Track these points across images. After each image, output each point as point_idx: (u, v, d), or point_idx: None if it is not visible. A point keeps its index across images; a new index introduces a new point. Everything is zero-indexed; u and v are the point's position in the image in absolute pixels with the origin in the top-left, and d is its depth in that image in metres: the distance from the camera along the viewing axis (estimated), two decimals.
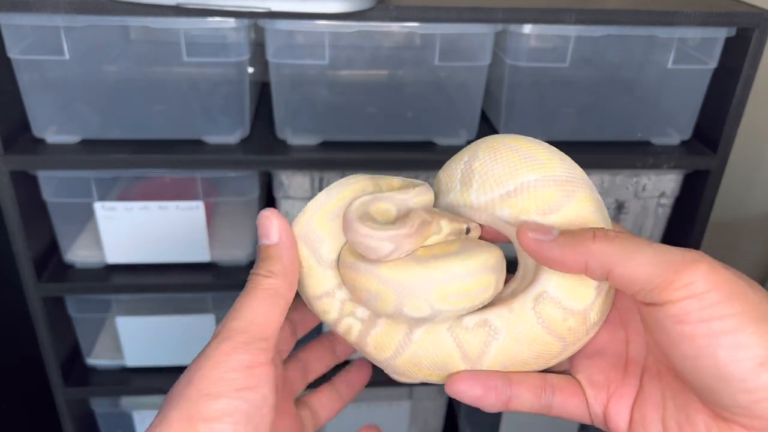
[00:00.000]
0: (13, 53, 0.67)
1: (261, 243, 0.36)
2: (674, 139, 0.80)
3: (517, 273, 0.39)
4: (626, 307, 0.37)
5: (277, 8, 0.62)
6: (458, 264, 0.33)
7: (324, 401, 0.44)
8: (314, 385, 0.46)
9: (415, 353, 0.35)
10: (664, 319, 0.29)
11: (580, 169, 0.36)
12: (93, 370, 0.92)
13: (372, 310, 0.36)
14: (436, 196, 0.39)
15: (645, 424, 0.33)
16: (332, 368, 0.46)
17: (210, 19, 0.65)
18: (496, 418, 1.04)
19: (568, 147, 0.77)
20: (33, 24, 0.66)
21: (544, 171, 0.34)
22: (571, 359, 0.37)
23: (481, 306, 0.35)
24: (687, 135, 0.80)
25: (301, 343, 0.45)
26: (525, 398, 0.35)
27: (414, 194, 0.37)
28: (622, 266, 0.30)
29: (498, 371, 0.35)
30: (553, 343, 0.34)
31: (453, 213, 0.37)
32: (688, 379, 0.30)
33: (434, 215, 0.35)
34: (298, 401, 0.43)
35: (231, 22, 0.66)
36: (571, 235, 0.32)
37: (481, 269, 0.34)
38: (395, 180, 0.39)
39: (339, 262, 0.36)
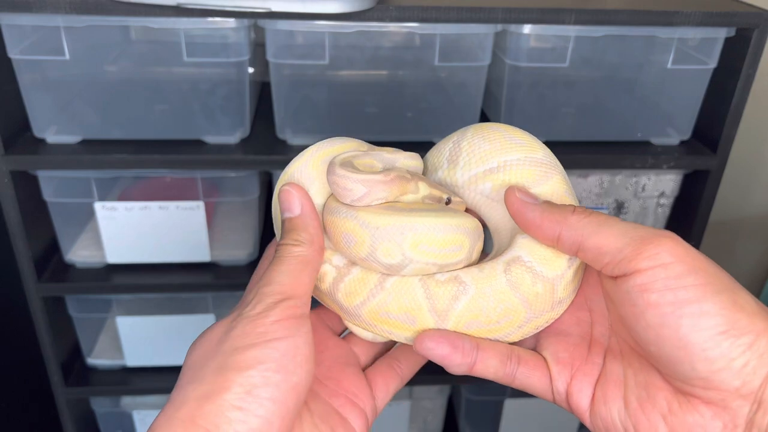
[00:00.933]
0: (13, 53, 0.67)
1: (284, 216, 0.37)
2: (674, 139, 0.80)
3: (491, 253, 0.40)
4: (592, 291, 0.38)
5: (277, 8, 0.63)
6: (435, 218, 0.35)
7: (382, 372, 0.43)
8: None
9: (385, 300, 0.36)
10: (631, 289, 0.31)
11: (556, 158, 0.39)
12: (93, 370, 0.92)
13: (347, 256, 0.37)
14: (424, 174, 0.41)
15: (606, 401, 0.34)
16: None
17: (210, 19, 0.65)
18: (496, 418, 1.04)
19: (568, 147, 0.78)
20: (33, 24, 0.66)
21: (527, 152, 0.38)
22: (538, 337, 0.38)
23: (453, 268, 0.36)
24: (687, 135, 0.80)
25: None
26: (490, 364, 0.36)
27: (403, 157, 0.39)
28: (594, 238, 0.32)
29: (467, 335, 0.36)
30: (519, 307, 0.35)
31: (437, 183, 0.39)
32: (651, 350, 0.31)
33: (415, 176, 0.38)
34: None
35: (231, 22, 0.66)
36: (553, 204, 0.35)
37: (456, 228, 0.35)
38: (387, 149, 0.41)
39: (324, 209, 0.38)
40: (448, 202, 0.38)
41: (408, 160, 0.40)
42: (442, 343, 0.35)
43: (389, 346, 0.44)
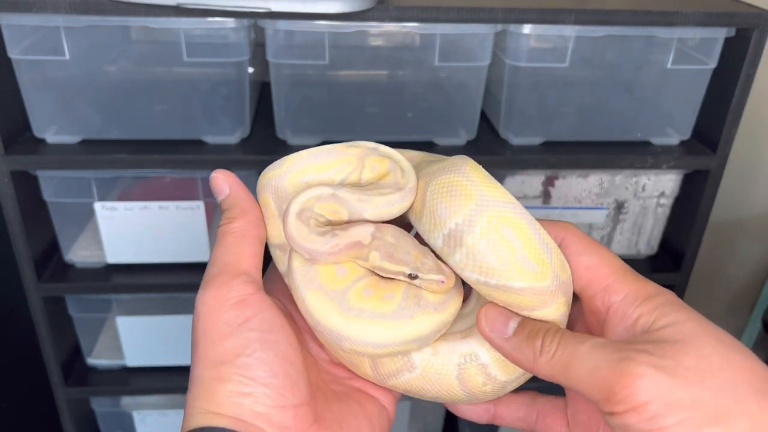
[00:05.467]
0: (13, 53, 0.67)
1: (218, 201, 0.37)
2: (674, 139, 0.80)
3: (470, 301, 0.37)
4: None
5: (277, 8, 0.63)
6: (377, 327, 0.32)
7: None
8: None
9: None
10: (613, 427, 0.29)
11: (569, 271, 0.33)
12: (93, 370, 0.92)
13: None
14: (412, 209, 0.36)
15: None
16: None
17: (210, 19, 0.65)
18: None
19: (567, 147, 0.78)
20: (33, 24, 0.66)
21: (534, 281, 0.32)
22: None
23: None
24: (686, 135, 0.80)
25: None
26: (505, 414, 0.38)
27: (374, 206, 0.34)
28: (566, 380, 0.30)
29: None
30: (460, 395, 0.35)
31: (417, 249, 0.34)
32: None
33: (374, 242, 0.33)
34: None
35: (231, 22, 0.66)
36: (522, 339, 0.32)
37: (401, 340, 0.32)
38: (417, 155, 0.38)
39: (288, 266, 0.36)
40: (414, 277, 0.33)
41: (382, 209, 0.34)
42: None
43: None
